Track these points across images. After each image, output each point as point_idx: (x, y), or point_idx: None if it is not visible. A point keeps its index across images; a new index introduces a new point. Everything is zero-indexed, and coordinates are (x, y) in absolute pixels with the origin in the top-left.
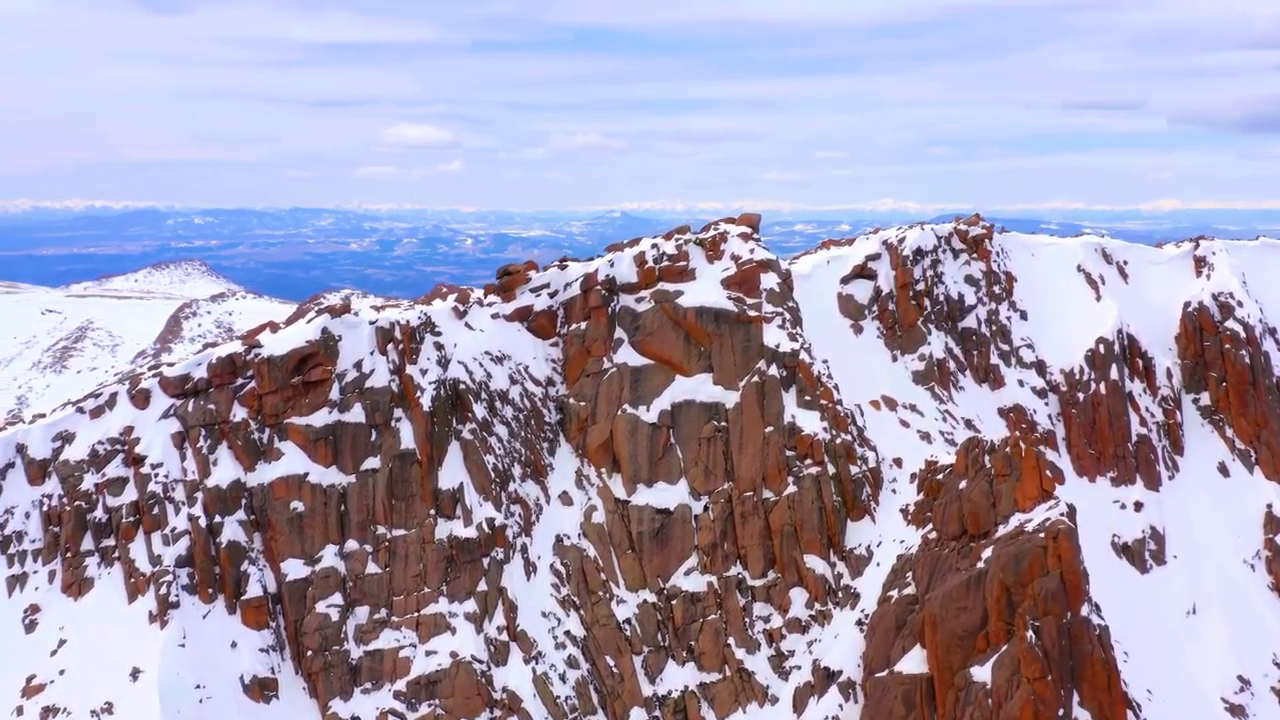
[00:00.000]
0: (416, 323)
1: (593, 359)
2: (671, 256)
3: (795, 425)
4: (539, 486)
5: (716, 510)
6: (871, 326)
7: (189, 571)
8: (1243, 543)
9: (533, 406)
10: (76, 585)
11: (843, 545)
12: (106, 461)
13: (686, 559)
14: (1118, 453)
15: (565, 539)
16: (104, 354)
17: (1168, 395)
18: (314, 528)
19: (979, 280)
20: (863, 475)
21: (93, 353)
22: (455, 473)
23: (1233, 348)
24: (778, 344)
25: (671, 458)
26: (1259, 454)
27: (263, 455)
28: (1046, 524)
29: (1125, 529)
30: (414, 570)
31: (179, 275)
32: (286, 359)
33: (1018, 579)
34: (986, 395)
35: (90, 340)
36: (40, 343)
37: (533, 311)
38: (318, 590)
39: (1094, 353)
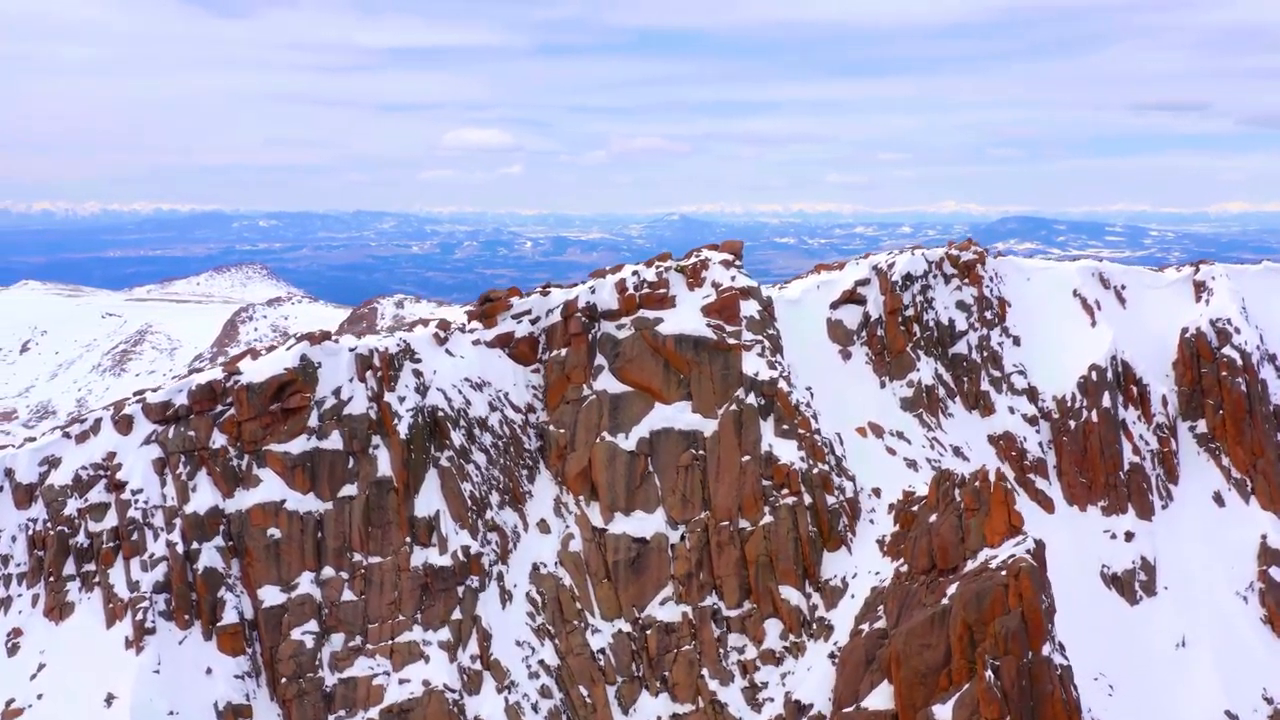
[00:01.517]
0: (395, 350)
1: (572, 386)
2: (652, 284)
3: (772, 454)
4: (517, 514)
5: (693, 539)
6: (860, 352)
7: (166, 597)
8: (1236, 574)
9: (512, 433)
10: (58, 609)
11: (818, 576)
12: (89, 487)
13: (662, 588)
14: (1109, 481)
15: (542, 567)
16: (162, 357)
17: (1163, 423)
18: (291, 555)
19: (970, 306)
20: (839, 505)
21: (151, 356)
22: (432, 500)
23: (1229, 375)
24: (756, 372)
25: (649, 486)
26: (1255, 483)
27: (241, 482)
28: (1009, 561)
29: (1115, 559)
30: (389, 598)
31: (240, 278)
32: (265, 386)
33: (979, 617)
34: (976, 422)
35: (149, 344)
36: (100, 346)
37: (514, 338)
38: (293, 617)
39: (1086, 380)
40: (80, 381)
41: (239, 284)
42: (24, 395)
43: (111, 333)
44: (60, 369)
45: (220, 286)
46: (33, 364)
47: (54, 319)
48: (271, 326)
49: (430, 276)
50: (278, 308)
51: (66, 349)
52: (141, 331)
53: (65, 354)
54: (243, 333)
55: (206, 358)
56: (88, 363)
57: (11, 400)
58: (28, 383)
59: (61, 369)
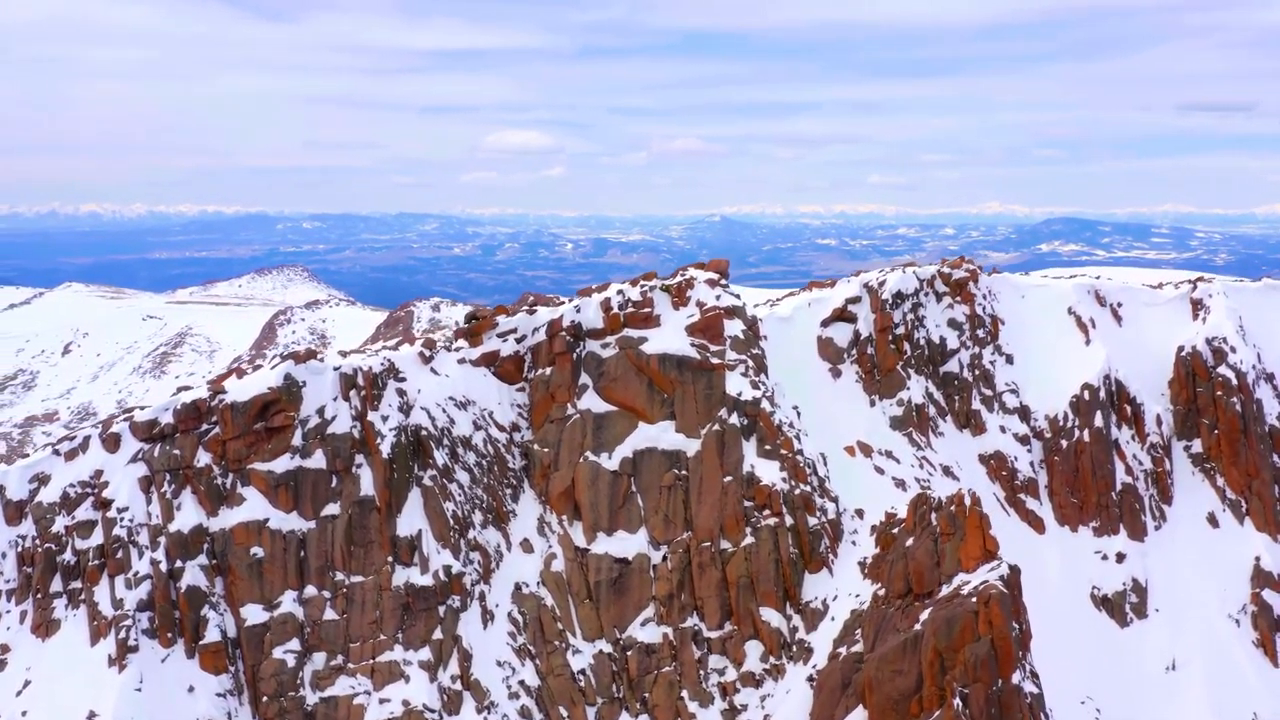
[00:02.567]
0: (379, 369)
1: (557, 405)
2: (636, 303)
3: (754, 475)
4: (500, 533)
5: (675, 560)
6: (850, 371)
7: (149, 616)
8: (1229, 596)
9: (496, 452)
10: (44, 626)
11: (799, 598)
12: (77, 504)
13: (643, 609)
14: (1101, 502)
15: (524, 587)
16: (201, 359)
17: (1157, 443)
18: (273, 573)
19: (962, 324)
20: (821, 527)
21: (191, 358)
22: (414, 520)
23: (1224, 394)
24: (739, 392)
25: (632, 506)
26: (1249, 504)
27: (225, 500)
28: (981, 588)
29: (1106, 581)
30: (370, 617)
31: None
32: (249, 405)
33: (949, 644)
34: (967, 441)
35: (189, 346)
36: (141, 348)
37: (499, 356)
38: (275, 636)
39: (1079, 399)
40: (121, 383)
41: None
42: (65, 397)
43: (152, 335)
44: (101, 371)
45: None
46: (74, 366)
47: (96, 321)
48: (309, 329)
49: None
50: (316, 310)
51: (107, 351)
52: (181, 334)
53: (106, 356)
54: (281, 335)
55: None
56: (128, 365)
57: (54, 402)
58: (69, 384)
59: (102, 371)
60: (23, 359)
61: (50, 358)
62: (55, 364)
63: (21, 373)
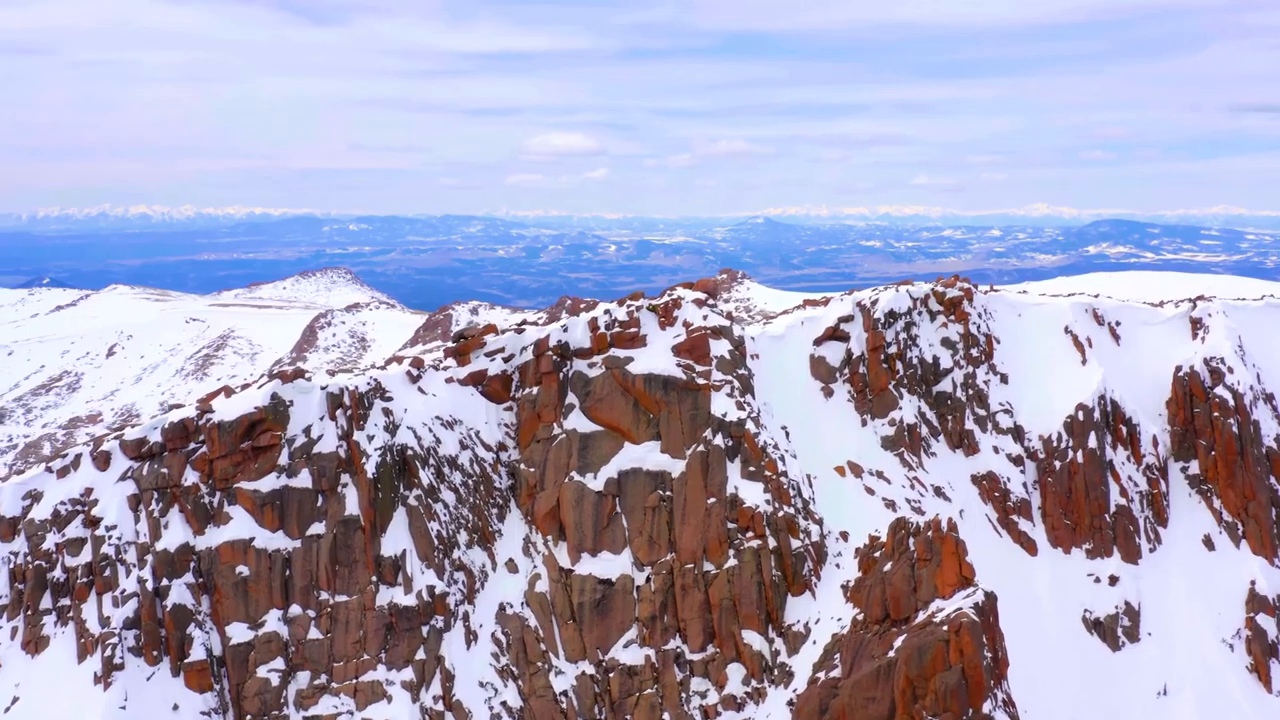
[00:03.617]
0: (366, 388)
1: (543, 424)
2: (623, 322)
3: (738, 497)
4: (486, 553)
5: (658, 582)
6: (842, 390)
7: (136, 634)
8: (1223, 620)
9: (482, 472)
10: (34, 643)
11: (781, 621)
12: (67, 521)
13: (626, 631)
14: (1094, 524)
15: (508, 607)
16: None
17: (1153, 464)
18: (259, 592)
19: (956, 343)
20: (804, 549)
21: (232, 361)
22: (399, 540)
23: (1221, 415)
24: (724, 413)
25: (616, 527)
26: (1246, 527)
27: (212, 519)
28: (953, 616)
29: (1098, 604)
30: (354, 637)
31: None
32: (236, 424)
33: (921, 672)
34: (960, 462)
35: (231, 349)
36: (184, 350)
37: (487, 375)
38: (260, 654)
39: (1073, 419)
40: (164, 385)
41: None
42: (109, 399)
43: (195, 337)
44: (144, 373)
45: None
46: (118, 368)
47: (140, 323)
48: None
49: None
50: (356, 313)
51: (151, 353)
52: (224, 336)
53: (149, 358)
54: (321, 338)
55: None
56: (171, 367)
57: (97, 403)
58: (113, 386)
59: (145, 373)
60: (68, 361)
61: (95, 360)
62: (100, 366)
63: (67, 374)
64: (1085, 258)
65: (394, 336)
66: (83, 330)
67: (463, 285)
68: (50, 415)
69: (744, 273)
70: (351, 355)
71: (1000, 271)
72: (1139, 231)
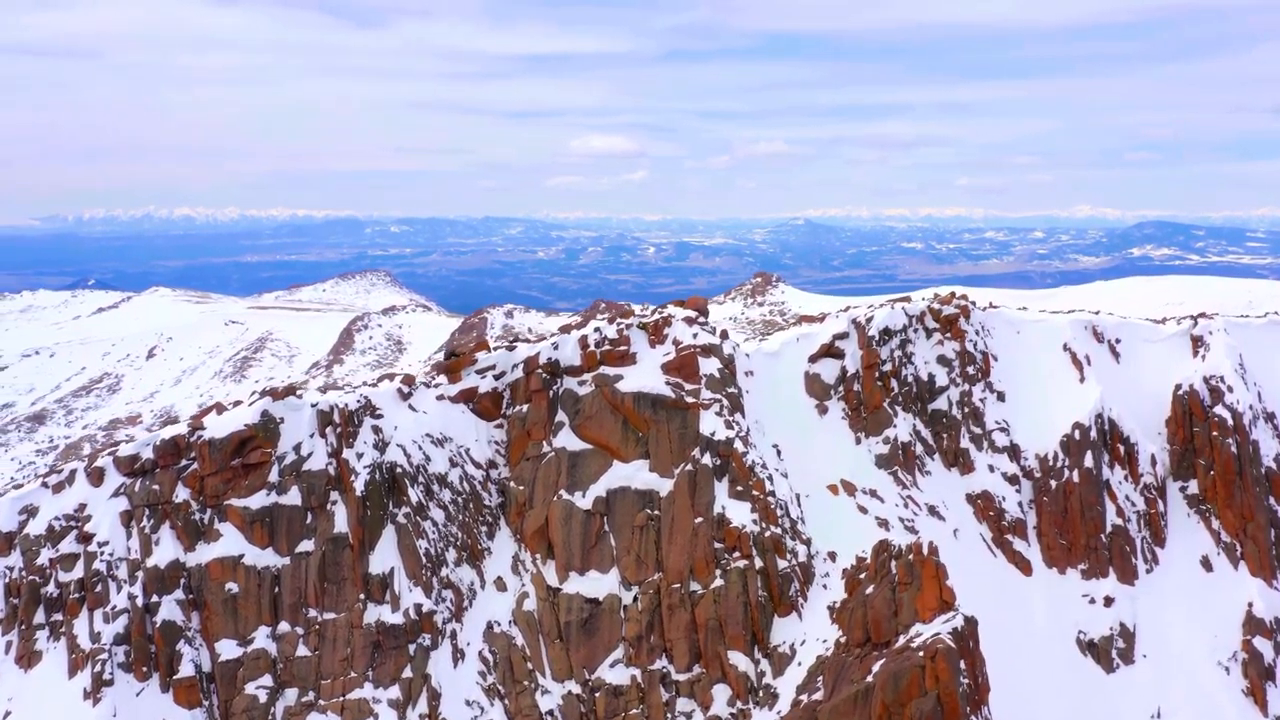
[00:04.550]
0: (355, 406)
1: (533, 442)
2: (613, 340)
3: (725, 516)
4: (475, 571)
5: (645, 601)
6: (837, 407)
7: (125, 649)
8: (1220, 643)
9: (472, 489)
10: (27, 657)
11: (767, 642)
12: (61, 537)
13: (613, 650)
14: (1090, 544)
15: (496, 625)
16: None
17: (1150, 483)
18: (248, 609)
19: (952, 360)
20: (791, 570)
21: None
22: (387, 557)
23: (1220, 435)
24: (713, 431)
25: (604, 546)
26: (1244, 548)
27: (202, 536)
28: (930, 641)
29: (1092, 625)
30: (341, 654)
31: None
32: (226, 442)
33: (896, 698)
34: (955, 480)
35: (269, 351)
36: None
37: (477, 393)
38: (248, 671)
39: (1069, 438)
40: (202, 387)
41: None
42: (149, 400)
43: (234, 340)
44: (184, 375)
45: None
46: (158, 369)
47: (180, 326)
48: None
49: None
50: (393, 316)
51: (190, 355)
52: (262, 339)
53: (189, 360)
54: (358, 341)
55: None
56: (210, 369)
57: (137, 405)
58: (153, 388)
59: (185, 375)
60: (108, 362)
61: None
62: (140, 368)
63: (107, 376)
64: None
65: (430, 339)
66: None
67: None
68: (90, 417)
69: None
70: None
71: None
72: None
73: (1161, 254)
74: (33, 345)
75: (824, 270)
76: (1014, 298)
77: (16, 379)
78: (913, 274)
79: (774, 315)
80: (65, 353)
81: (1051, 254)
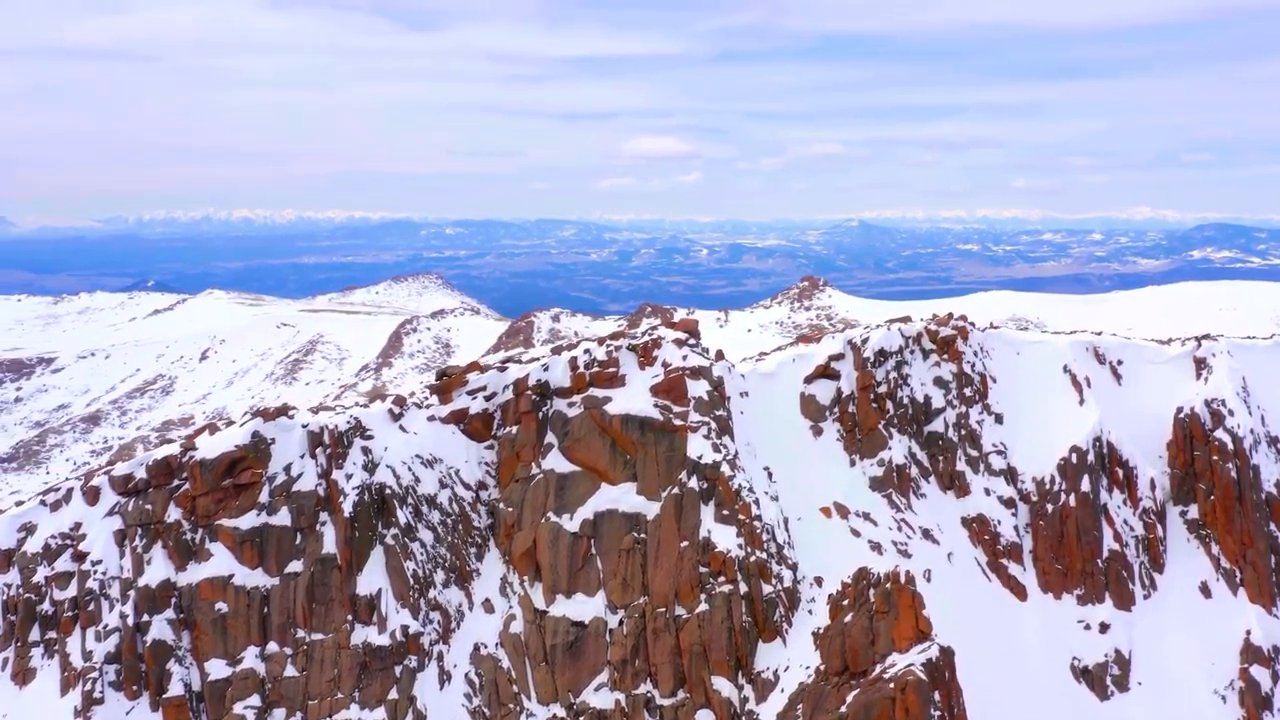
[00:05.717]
0: (345, 427)
1: (522, 464)
2: (602, 362)
3: (710, 541)
4: (463, 592)
5: (630, 625)
6: (832, 429)
7: (116, 668)
8: (1216, 671)
9: (461, 511)
10: (22, 674)
11: (751, 668)
12: (57, 555)
13: (598, 674)
14: (1086, 569)
15: (483, 648)
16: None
17: (1150, 507)
18: (237, 629)
19: (949, 382)
20: (776, 595)
21: (321, 365)
22: (375, 579)
23: (1220, 459)
24: (700, 455)
25: (591, 569)
26: (1244, 574)
27: (194, 555)
28: (901, 673)
29: (1087, 651)
30: (329, 675)
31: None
32: (217, 462)
33: None
34: (950, 503)
35: (320, 354)
36: (274, 355)
37: (468, 414)
38: (237, 691)
39: (1066, 461)
40: (254, 389)
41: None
42: (201, 402)
43: (285, 342)
44: (236, 377)
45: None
46: (211, 371)
47: (233, 328)
48: (434, 338)
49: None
50: (441, 319)
51: (243, 357)
52: (313, 341)
53: (241, 362)
54: (406, 344)
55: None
56: (261, 371)
57: (190, 406)
58: (205, 390)
59: (237, 377)
60: (162, 364)
61: (188, 364)
62: (193, 370)
63: (161, 378)
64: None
65: (478, 343)
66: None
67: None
68: (144, 418)
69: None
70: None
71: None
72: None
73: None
74: (89, 347)
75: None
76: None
77: (73, 380)
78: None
79: (820, 320)
80: (120, 354)
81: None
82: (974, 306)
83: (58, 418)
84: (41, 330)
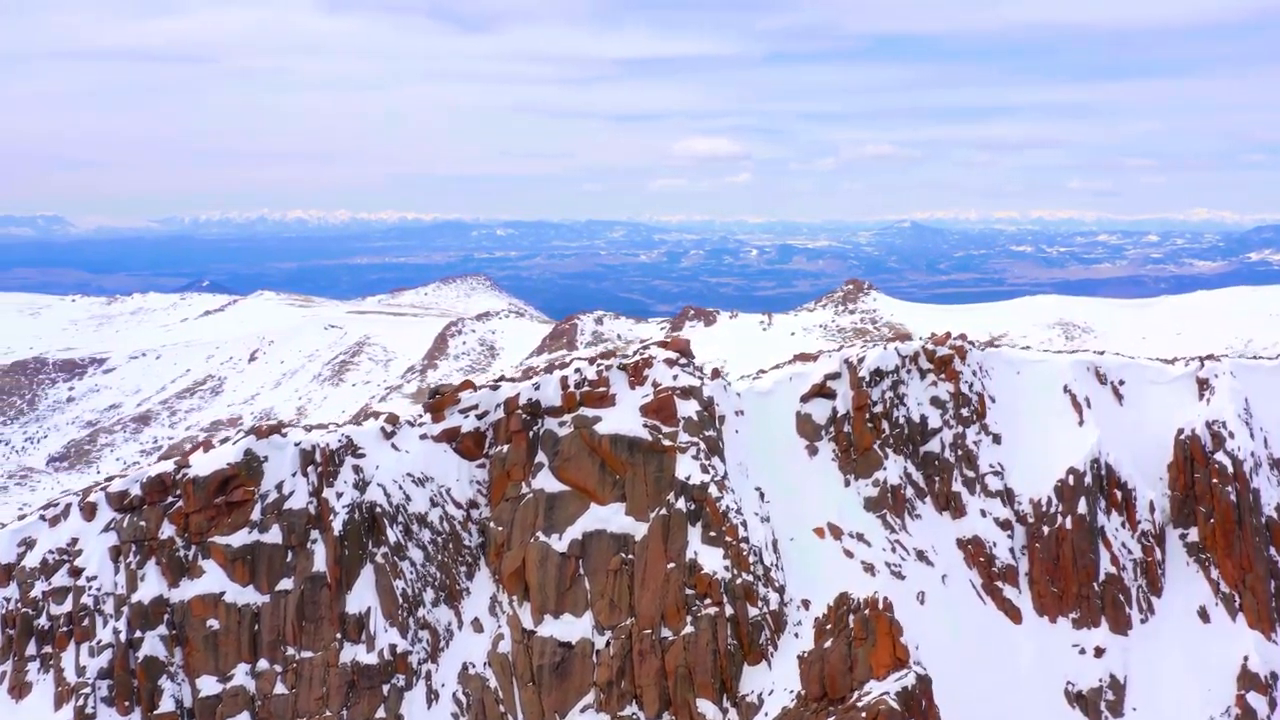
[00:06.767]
0: (337, 445)
1: (512, 483)
2: (593, 381)
3: (696, 562)
4: (453, 611)
5: (617, 646)
6: (827, 449)
7: (109, 684)
8: (1213, 697)
9: (452, 530)
10: (19, 689)
11: (735, 691)
12: (54, 570)
13: (584, 695)
14: (1082, 592)
15: (471, 667)
16: (377, 369)
17: (1148, 530)
18: (228, 646)
19: (946, 402)
20: (762, 618)
21: (367, 367)
22: (364, 597)
23: (1220, 482)
24: (688, 476)
25: (579, 589)
26: (1243, 599)
27: (186, 572)
28: (874, 702)
29: (1082, 676)
30: (317, 693)
31: (463, 290)
32: (210, 480)
33: None
34: (946, 525)
35: (366, 355)
36: (321, 356)
37: (460, 432)
38: (226, 708)
39: (1063, 483)
40: (301, 391)
41: (463, 295)
42: (249, 403)
43: (332, 344)
44: (284, 378)
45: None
46: (259, 372)
47: (282, 329)
48: (480, 340)
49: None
50: (486, 322)
51: (291, 359)
52: (360, 343)
53: (289, 364)
54: (452, 346)
55: (418, 369)
56: (309, 373)
57: (238, 407)
58: (254, 390)
59: (285, 378)
60: (212, 365)
61: (238, 364)
62: (242, 370)
63: (210, 378)
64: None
65: (522, 345)
66: (228, 335)
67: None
68: (193, 418)
69: (870, 283)
70: (481, 363)
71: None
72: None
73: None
74: (140, 347)
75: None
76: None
77: (124, 380)
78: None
79: (865, 324)
80: (171, 355)
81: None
82: (1021, 310)
83: (109, 417)
84: (95, 330)
